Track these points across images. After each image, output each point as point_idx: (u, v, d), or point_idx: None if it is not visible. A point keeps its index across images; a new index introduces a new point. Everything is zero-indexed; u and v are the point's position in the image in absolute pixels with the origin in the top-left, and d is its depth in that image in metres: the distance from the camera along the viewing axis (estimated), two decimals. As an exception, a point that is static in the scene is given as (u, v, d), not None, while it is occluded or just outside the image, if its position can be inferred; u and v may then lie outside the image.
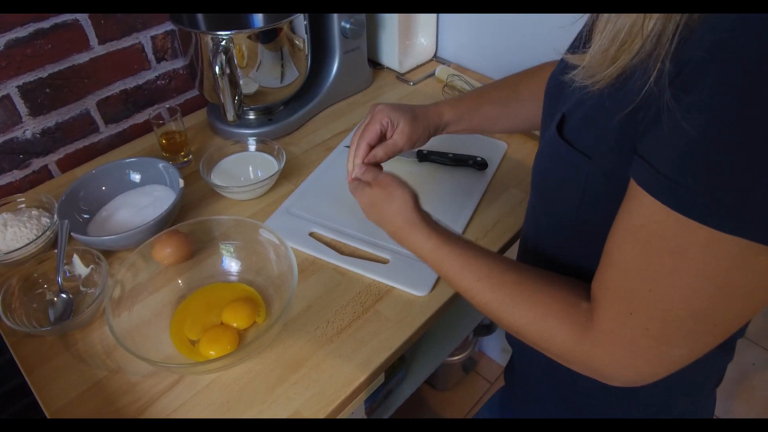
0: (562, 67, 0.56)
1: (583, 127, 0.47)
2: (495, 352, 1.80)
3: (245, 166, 1.03)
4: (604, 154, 0.44)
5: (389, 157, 0.71)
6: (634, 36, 0.39)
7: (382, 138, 0.71)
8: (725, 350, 0.61)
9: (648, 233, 0.40)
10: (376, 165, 0.71)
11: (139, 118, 1.16)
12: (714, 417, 0.69)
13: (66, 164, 1.08)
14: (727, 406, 1.67)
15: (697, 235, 0.36)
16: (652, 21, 0.37)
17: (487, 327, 1.52)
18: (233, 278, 0.83)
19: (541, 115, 0.60)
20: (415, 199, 0.63)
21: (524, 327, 0.51)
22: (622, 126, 0.42)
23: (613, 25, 0.40)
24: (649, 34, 0.38)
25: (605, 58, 0.41)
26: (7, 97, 0.96)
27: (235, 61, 1.00)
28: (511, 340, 0.75)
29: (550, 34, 0.53)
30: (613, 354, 0.45)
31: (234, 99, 0.98)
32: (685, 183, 0.36)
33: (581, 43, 0.51)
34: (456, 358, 1.61)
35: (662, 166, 0.37)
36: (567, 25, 0.50)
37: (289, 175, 1.03)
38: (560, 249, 0.56)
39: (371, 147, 0.70)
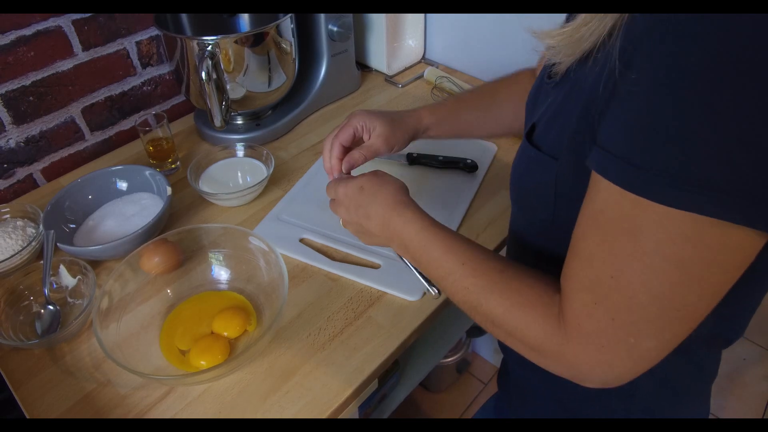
0: (538, 80, 0.57)
1: (548, 131, 0.48)
2: (488, 352, 1.80)
3: (234, 172, 1.02)
4: (567, 152, 0.45)
5: (366, 160, 0.71)
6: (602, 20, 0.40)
7: (358, 142, 0.72)
8: (713, 350, 0.60)
9: (606, 218, 0.40)
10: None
11: (125, 124, 1.15)
12: (709, 413, 0.69)
13: (51, 173, 1.07)
14: (720, 401, 1.68)
15: (649, 213, 0.37)
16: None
17: (479, 328, 1.52)
18: (223, 287, 0.82)
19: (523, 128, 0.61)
20: (407, 188, 0.65)
21: (500, 315, 0.50)
22: (580, 121, 0.43)
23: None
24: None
25: (578, 38, 0.42)
26: (-10, 106, 0.94)
27: (222, 66, 0.99)
28: (503, 344, 0.75)
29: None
30: (584, 349, 0.44)
31: (221, 104, 0.97)
32: (633, 161, 0.36)
33: None
34: (449, 359, 1.60)
35: (613, 147, 0.38)
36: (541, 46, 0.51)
37: (278, 181, 1.02)
38: (544, 254, 0.56)
39: (345, 148, 0.71)
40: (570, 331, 0.45)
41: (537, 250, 0.57)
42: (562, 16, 0.56)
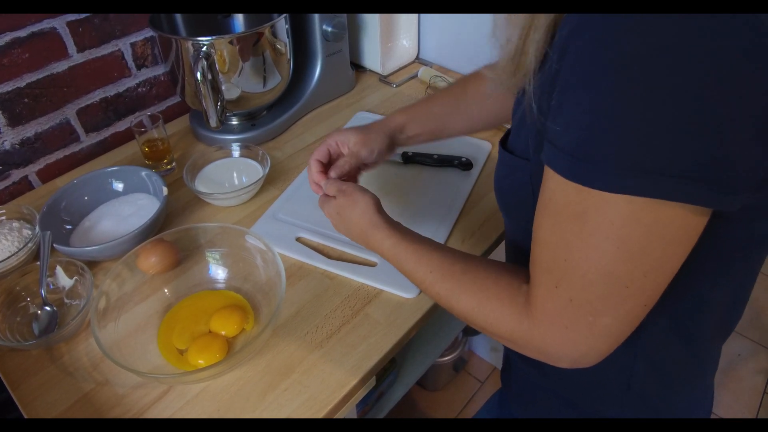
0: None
1: (518, 134, 0.52)
2: (485, 351, 1.81)
3: (230, 172, 1.02)
4: (535, 152, 0.48)
5: (351, 165, 0.73)
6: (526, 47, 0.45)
7: (338, 157, 0.75)
8: (715, 342, 0.61)
9: (555, 205, 0.43)
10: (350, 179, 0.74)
11: (121, 126, 1.15)
12: (712, 405, 0.69)
13: (46, 175, 1.07)
14: (715, 396, 1.70)
15: (590, 199, 0.40)
16: (538, 32, 0.43)
17: (476, 326, 1.53)
18: (220, 285, 0.83)
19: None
20: (377, 202, 0.67)
21: (471, 312, 0.54)
22: (536, 122, 0.46)
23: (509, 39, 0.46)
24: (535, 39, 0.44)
25: (510, 69, 0.47)
26: (-15, 107, 0.94)
27: (217, 67, 0.99)
28: None
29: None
30: (549, 330, 0.47)
31: (216, 105, 0.97)
32: (573, 153, 0.39)
33: None
34: (446, 358, 1.61)
35: (557, 140, 0.41)
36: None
37: (274, 180, 1.03)
38: None
39: (323, 164, 0.74)
40: (536, 315, 0.47)
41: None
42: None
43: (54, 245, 0.82)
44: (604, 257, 0.41)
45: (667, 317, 0.52)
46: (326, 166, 0.74)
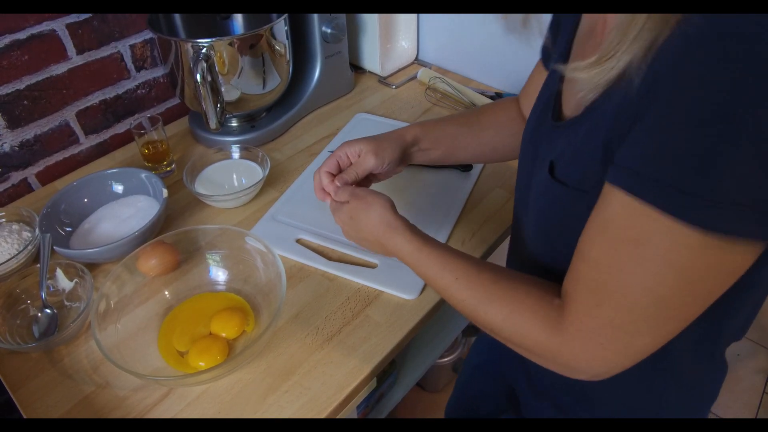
0: (536, 121, 0.59)
1: (573, 165, 0.50)
2: (484, 351, 1.80)
3: (229, 174, 1.02)
4: (596, 183, 0.46)
5: (358, 176, 0.72)
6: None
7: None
8: (718, 366, 0.62)
9: (616, 226, 0.42)
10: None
11: (120, 128, 1.15)
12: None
13: (46, 177, 1.07)
14: (714, 397, 1.70)
15: (659, 223, 0.39)
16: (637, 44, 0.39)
17: (476, 327, 1.53)
18: (221, 287, 0.82)
19: (519, 161, 0.64)
20: (392, 205, 0.66)
21: (499, 323, 0.53)
22: (604, 151, 0.44)
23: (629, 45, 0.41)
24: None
25: (605, 69, 0.43)
26: (-16, 110, 0.94)
27: (216, 69, 0.99)
28: (522, 368, 0.75)
29: (528, 34, 0.56)
30: (583, 346, 0.46)
31: (216, 106, 0.97)
32: (652, 175, 0.38)
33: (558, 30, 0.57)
34: (446, 359, 1.61)
35: (632, 163, 0.40)
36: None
37: (273, 182, 1.03)
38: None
39: (332, 175, 0.73)
40: (572, 331, 0.47)
41: (561, 272, 0.58)
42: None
43: (54, 247, 0.82)
44: (660, 283, 0.41)
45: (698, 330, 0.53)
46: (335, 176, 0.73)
